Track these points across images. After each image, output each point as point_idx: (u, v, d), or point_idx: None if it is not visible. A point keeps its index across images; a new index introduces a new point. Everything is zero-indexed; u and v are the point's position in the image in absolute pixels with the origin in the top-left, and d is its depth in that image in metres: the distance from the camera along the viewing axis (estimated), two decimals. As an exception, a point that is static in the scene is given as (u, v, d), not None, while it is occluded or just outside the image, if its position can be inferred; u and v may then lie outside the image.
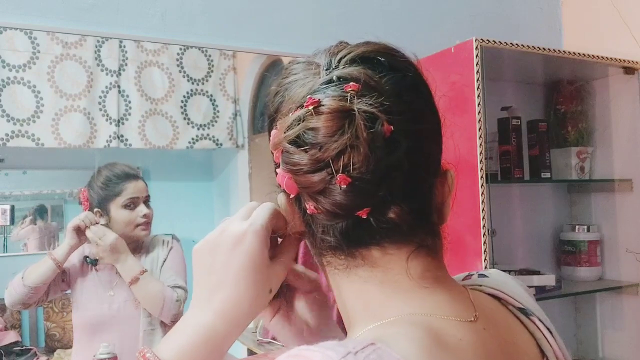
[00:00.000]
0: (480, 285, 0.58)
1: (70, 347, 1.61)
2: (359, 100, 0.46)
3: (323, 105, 0.46)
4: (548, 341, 0.55)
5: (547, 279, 1.86)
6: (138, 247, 1.58)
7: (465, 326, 0.48)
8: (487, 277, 0.60)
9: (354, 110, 0.45)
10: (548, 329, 0.55)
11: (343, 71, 0.49)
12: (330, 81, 0.48)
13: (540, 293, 1.83)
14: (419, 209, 0.49)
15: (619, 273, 2.05)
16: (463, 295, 0.52)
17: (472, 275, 0.61)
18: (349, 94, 0.46)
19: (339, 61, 0.50)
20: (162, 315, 1.50)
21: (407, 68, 0.52)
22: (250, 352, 1.80)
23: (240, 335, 0.55)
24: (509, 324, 0.55)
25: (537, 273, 1.89)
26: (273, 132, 0.50)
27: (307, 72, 0.51)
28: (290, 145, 0.47)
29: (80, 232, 1.49)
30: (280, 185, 0.50)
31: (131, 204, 1.54)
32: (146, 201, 1.57)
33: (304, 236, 0.55)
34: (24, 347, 1.64)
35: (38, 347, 1.66)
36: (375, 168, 0.46)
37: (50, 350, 1.68)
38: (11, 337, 1.62)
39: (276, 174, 0.51)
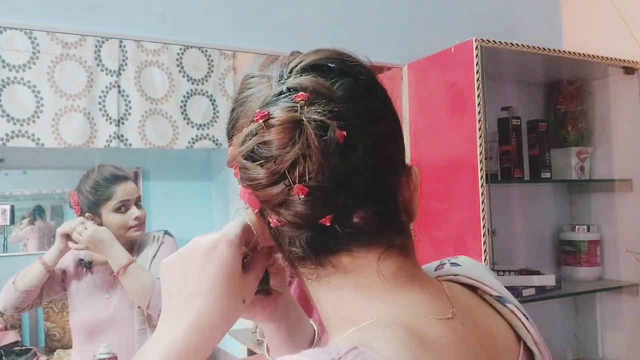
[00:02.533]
0: (456, 275, 0.58)
1: (70, 347, 1.61)
2: (309, 109, 0.46)
3: (273, 118, 0.46)
4: (526, 327, 0.55)
5: (547, 279, 1.86)
6: (131, 246, 1.57)
7: (444, 324, 0.48)
8: (460, 265, 0.61)
9: (303, 120, 0.46)
10: (525, 315, 0.56)
11: (293, 81, 0.49)
12: (280, 93, 0.48)
13: (540, 293, 1.83)
14: (384, 210, 0.50)
15: (619, 273, 2.05)
16: (439, 291, 0.52)
17: (444, 264, 0.62)
18: (298, 104, 0.46)
19: (290, 72, 0.50)
20: (149, 308, 1.45)
21: (359, 72, 0.52)
22: (250, 352, 1.80)
23: (215, 346, 0.53)
24: (484, 315, 0.55)
25: (537, 273, 1.89)
26: (230, 148, 0.51)
27: (260, 85, 0.52)
28: (246, 161, 0.48)
29: (69, 237, 1.46)
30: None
31: (122, 207, 1.51)
32: (137, 202, 1.55)
33: (273, 250, 0.56)
34: (24, 347, 1.64)
35: (38, 347, 1.66)
36: (332, 175, 0.46)
37: (50, 350, 1.68)
38: (11, 337, 1.62)
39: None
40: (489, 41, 1.66)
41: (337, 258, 0.49)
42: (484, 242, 1.58)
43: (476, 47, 1.63)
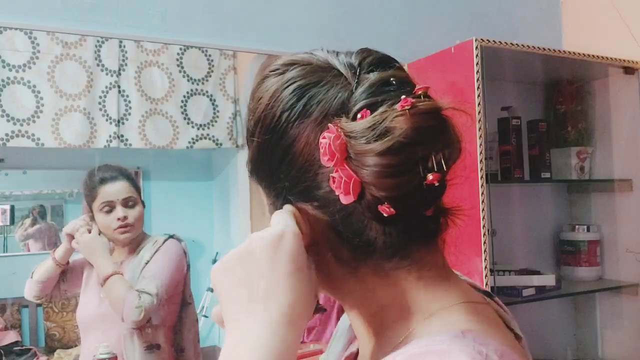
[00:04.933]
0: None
1: (70, 347, 1.62)
2: (438, 101, 0.47)
3: (418, 106, 0.45)
4: (510, 320, 0.57)
5: (547, 279, 1.86)
6: (134, 247, 1.57)
7: (487, 308, 0.52)
8: None
9: (442, 109, 0.47)
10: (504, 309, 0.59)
11: (387, 73, 0.49)
12: (385, 83, 0.48)
13: (540, 293, 1.83)
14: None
15: (619, 273, 2.05)
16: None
17: None
18: (421, 94, 0.46)
19: (369, 65, 0.50)
20: (125, 320, 1.44)
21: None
22: (250, 352, 1.80)
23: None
24: None
25: (537, 273, 1.89)
26: (329, 136, 0.46)
27: (326, 74, 0.50)
28: (373, 145, 0.45)
29: (72, 237, 1.51)
30: (334, 189, 0.47)
31: (106, 207, 1.51)
32: (125, 203, 1.53)
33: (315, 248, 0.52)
34: (24, 347, 1.64)
35: (38, 347, 1.66)
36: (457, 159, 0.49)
37: (50, 350, 1.68)
38: (11, 337, 1.62)
39: (298, 184, 0.50)
40: (489, 41, 1.66)
41: (416, 249, 0.50)
42: (484, 242, 1.58)
43: (476, 47, 1.63)
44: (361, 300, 0.52)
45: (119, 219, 1.51)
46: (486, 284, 1.58)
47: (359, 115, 0.46)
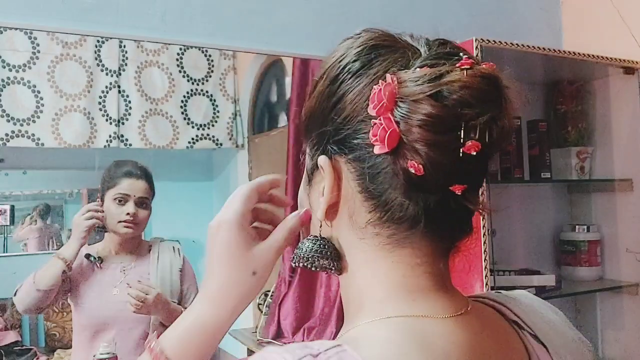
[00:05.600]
0: (484, 298, 0.58)
1: (71, 347, 1.61)
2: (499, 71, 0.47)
3: (477, 68, 0.45)
4: (539, 358, 0.54)
5: (547, 279, 1.86)
6: (142, 251, 1.58)
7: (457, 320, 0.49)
8: (502, 293, 0.60)
9: (501, 80, 0.46)
10: (546, 347, 0.55)
11: (463, 49, 0.49)
12: (453, 54, 0.48)
13: (540, 293, 1.83)
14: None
15: (619, 273, 2.05)
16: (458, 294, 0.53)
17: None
18: (495, 70, 0.46)
19: (439, 43, 0.50)
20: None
21: None
22: (250, 352, 1.80)
23: (233, 320, 0.58)
24: (506, 331, 0.55)
25: (537, 273, 1.89)
26: (391, 79, 0.46)
27: (397, 42, 0.51)
28: (426, 98, 0.44)
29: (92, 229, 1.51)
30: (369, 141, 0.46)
31: (121, 200, 1.54)
32: (140, 202, 1.55)
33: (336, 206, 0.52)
34: (24, 347, 1.64)
35: (38, 347, 1.66)
36: (501, 147, 0.46)
37: (50, 350, 1.68)
38: (11, 337, 1.62)
39: (339, 131, 0.49)
40: (489, 41, 1.65)
41: (425, 233, 0.49)
42: (484, 242, 1.58)
43: (476, 47, 1.62)
44: (348, 278, 0.52)
45: (128, 213, 1.53)
46: (486, 284, 1.58)
47: (417, 70, 0.46)
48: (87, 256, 1.54)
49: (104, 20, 1.56)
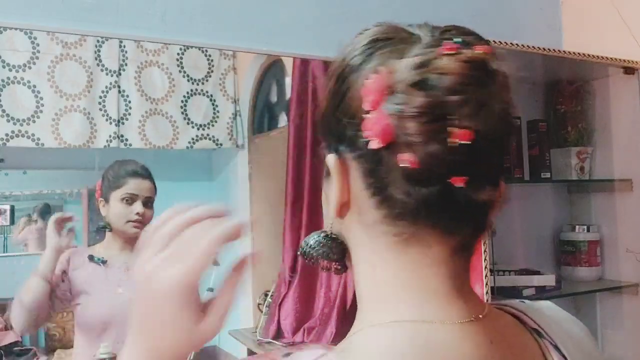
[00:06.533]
0: (505, 305, 0.57)
1: (71, 347, 1.60)
2: (496, 62, 0.45)
3: (462, 53, 0.44)
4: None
5: (547, 279, 1.86)
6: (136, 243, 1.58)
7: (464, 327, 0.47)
8: (525, 302, 0.59)
9: (493, 67, 0.45)
10: (566, 358, 0.53)
11: (462, 37, 0.47)
12: (450, 40, 0.46)
13: (540, 293, 1.83)
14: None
15: (619, 273, 2.05)
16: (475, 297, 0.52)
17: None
18: (482, 53, 0.45)
19: (448, 30, 0.49)
20: None
21: None
22: (250, 352, 1.80)
23: None
24: (524, 342, 0.53)
25: (537, 273, 1.89)
26: (382, 71, 0.45)
27: (400, 32, 0.50)
28: (411, 87, 0.43)
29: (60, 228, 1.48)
30: (366, 134, 0.45)
31: (129, 199, 1.55)
32: (146, 202, 1.57)
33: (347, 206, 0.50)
34: (24, 347, 1.64)
35: (38, 347, 1.66)
36: (499, 135, 0.44)
37: (50, 350, 1.68)
38: (11, 337, 1.62)
39: (341, 126, 0.48)
40: (489, 41, 1.65)
41: (432, 230, 0.47)
42: (484, 242, 1.58)
43: (476, 47, 1.62)
44: (357, 275, 0.51)
45: (137, 213, 1.54)
46: (486, 284, 1.58)
47: (409, 59, 0.45)
48: (91, 258, 1.54)
49: (104, 20, 1.56)
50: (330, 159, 0.50)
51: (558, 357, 0.53)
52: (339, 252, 0.52)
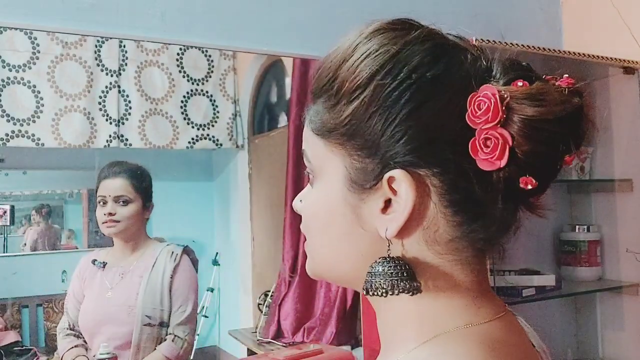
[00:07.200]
0: None
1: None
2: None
3: (575, 89, 0.51)
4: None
5: (547, 279, 1.86)
6: (135, 246, 1.59)
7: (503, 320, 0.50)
8: None
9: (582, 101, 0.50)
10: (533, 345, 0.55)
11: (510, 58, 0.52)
12: (516, 62, 0.52)
13: (540, 293, 1.83)
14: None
15: (619, 273, 2.05)
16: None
17: None
18: (565, 88, 0.50)
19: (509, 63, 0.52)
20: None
21: None
22: (250, 352, 1.80)
23: None
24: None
25: (537, 273, 1.89)
26: (490, 97, 0.46)
27: (446, 39, 0.54)
28: (540, 110, 0.47)
29: None
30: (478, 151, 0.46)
31: (101, 202, 1.58)
32: (117, 201, 1.58)
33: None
34: (24, 347, 1.63)
35: (38, 347, 1.66)
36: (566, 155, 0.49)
37: (50, 350, 1.68)
38: (11, 337, 1.62)
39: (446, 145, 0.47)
40: (489, 41, 1.65)
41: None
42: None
43: (476, 47, 1.62)
44: (421, 296, 0.49)
45: (105, 213, 1.57)
46: (486, 284, 1.58)
47: (519, 84, 0.48)
48: (93, 261, 1.58)
49: (104, 20, 1.56)
50: (401, 174, 0.47)
51: (541, 349, 0.55)
52: (410, 276, 0.48)
